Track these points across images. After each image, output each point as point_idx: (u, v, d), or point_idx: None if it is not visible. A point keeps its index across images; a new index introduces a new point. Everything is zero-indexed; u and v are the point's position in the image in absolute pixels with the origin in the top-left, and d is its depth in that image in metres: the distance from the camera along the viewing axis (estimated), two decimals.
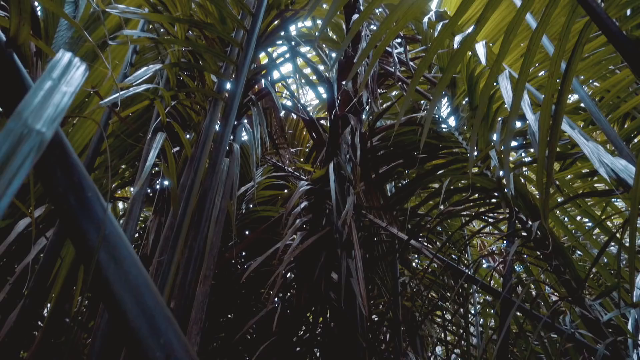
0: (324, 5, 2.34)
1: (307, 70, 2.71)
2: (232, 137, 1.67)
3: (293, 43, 1.73)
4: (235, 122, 1.60)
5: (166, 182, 1.94)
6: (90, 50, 2.37)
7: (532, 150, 2.36)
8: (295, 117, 2.91)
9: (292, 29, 2.35)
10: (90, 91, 1.81)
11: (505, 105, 1.42)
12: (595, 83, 2.22)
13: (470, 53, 2.19)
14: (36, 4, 2.52)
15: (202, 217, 1.25)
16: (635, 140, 1.85)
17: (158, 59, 1.99)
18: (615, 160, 1.28)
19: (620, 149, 1.57)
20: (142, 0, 1.74)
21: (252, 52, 1.45)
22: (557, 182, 1.89)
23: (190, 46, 1.42)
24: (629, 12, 1.81)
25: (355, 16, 1.89)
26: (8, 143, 0.26)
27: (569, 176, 1.99)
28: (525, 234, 1.80)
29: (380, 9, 2.17)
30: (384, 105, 2.54)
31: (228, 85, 1.62)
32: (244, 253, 2.62)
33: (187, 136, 2.20)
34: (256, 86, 1.80)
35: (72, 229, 0.45)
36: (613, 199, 2.09)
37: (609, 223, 2.65)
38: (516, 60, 2.30)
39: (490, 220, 2.17)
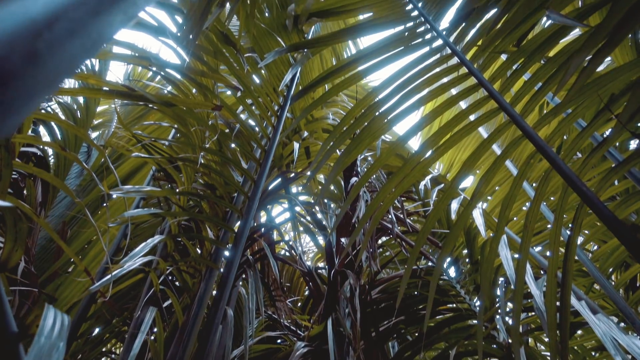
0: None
1: (306, 218, 2.74)
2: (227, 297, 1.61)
3: (293, 203, 1.77)
4: (232, 284, 1.55)
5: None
6: (93, 199, 2.43)
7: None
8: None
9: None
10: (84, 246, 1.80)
11: (508, 274, 1.39)
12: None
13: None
14: (50, 150, 2.66)
15: None
16: None
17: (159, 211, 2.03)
18: (631, 341, 1.21)
19: (632, 320, 1.50)
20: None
21: (252, 217, 1.47)
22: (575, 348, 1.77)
23: (191, 216, 1.44)
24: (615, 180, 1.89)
25: (354, 179, 1.97)
26: None
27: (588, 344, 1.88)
28: None
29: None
30: (384, 255, 2.52)
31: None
32: None
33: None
34: (255, 244, 1.80)
35: None
36: None
37: None
38: (515, 213, 2.34)
39: None
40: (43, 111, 2.41)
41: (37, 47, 0.16)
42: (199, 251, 1.82)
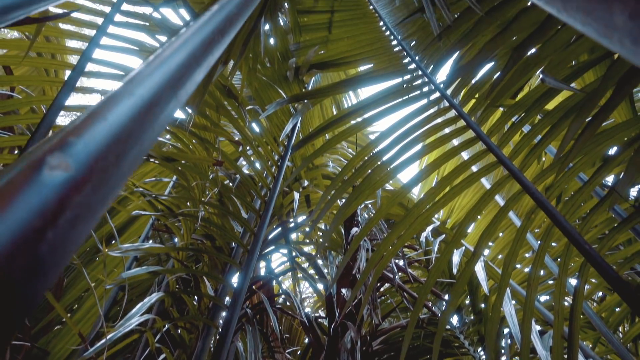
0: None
1: (305, 264, 2.71)
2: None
3: (293, 253, 1.76)
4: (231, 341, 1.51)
5: None
6: (90, 245, 2.41)
7: None
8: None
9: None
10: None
11: (513, 332, 1.36)
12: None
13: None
14: None
15: None
16: None
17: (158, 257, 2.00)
18: None
19: None
20: (147, 205, 1.82)
21: (252, 271, 1.45)
22: None
23: (190, 272, 1.43)
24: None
25: (355, 230, 1.96)
26: None
27: None
28: None
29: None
30: (385, 302, 2.47)
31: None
32: None
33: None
34: (254, 296, 1.77)
35: None
36: None
37: None
38: (519, 260, 2.31)
39: None
40: None
41: (39, 253, 0.15)
42: (196, 299, 1.79)
